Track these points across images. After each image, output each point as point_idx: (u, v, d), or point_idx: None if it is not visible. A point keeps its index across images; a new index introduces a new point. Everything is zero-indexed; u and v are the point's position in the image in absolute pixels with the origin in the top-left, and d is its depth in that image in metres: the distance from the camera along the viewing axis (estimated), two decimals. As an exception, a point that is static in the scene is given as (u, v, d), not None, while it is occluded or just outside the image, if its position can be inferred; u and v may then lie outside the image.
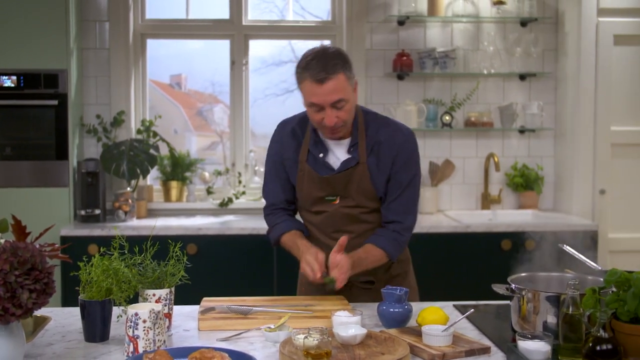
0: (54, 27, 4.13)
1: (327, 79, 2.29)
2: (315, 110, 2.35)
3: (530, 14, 4.66)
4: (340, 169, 2.49)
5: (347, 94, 2.34)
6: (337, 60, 2.32)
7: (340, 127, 2.40)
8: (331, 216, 2.53)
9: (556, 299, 1.93)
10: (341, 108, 2.34)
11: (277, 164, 2.61)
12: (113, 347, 1.95)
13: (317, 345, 1.75)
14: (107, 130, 4.55)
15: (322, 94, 2.30)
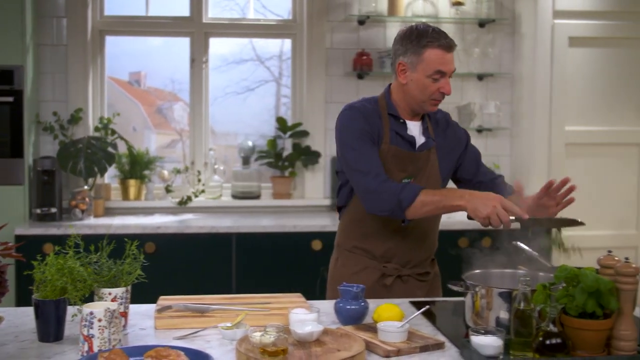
0: (10, 22, 4.07)
1: (452, 48, 2.46)
2: (436, 79, 2.44)
3: (488, 15, 4.73)
4: (421, 148, 2.56)
5: None
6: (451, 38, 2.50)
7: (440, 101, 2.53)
8: None
9: (508, 295, 1.96)
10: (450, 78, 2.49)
11: (366, 134, 2.49)
12: (67, 346, 1.93)
13: (274, 342, 1.76)
14: (64, 128, 4.50)
15: (449, 62, 2.45)
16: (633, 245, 4.67)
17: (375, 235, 2.59)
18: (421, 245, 2.65)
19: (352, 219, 2.64)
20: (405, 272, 2.62)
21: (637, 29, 4.63)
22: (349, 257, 2.66)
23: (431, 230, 2.67)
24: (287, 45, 4.96)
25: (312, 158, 4.69)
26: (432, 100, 2.49)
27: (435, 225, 2.70)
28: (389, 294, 2.59)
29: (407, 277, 2.62)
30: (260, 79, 5.05)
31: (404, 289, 2.62)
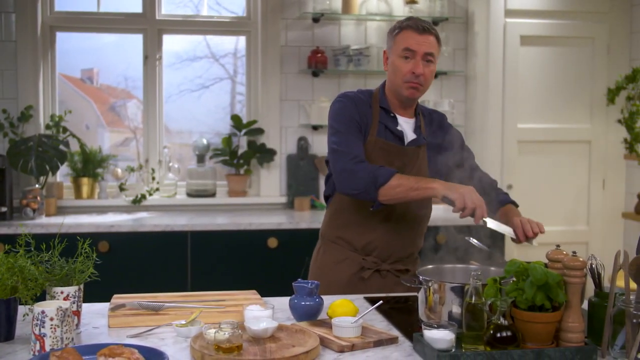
0: (-43, 18, 3.99)
1: (427, 31, 2.49)
2: (406, 58, 2.47)
3: (442, 14, 4.78)
4: (410, 144, 2.58)
5: (436, 56, 2.52)
6: (433, 28, 2.53)
7: (420, 87, 2.51)
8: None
9: (460, 289, 1.99)
10: (428, 64, 2.49)
11: (354, 122, 2.53)
12: (19, 346, 1.91)
13: (228, 339, 1.76)
14: (14, 126, 4.42)
15: (419, 41, 2.47)
16: (583, 240, 4.77)
17: (357, 226, 2.60)
18: (403, 241, 2.64)
19: (336, 209, 2.66)
20: (384, 267, 2.62)
21: (586, 28, 4.73)
22: (331, 248, 2.68)
23: (415, 226, 2.66)
24: (242, 42, 4.95)
25: (267, 156, 4.68)
26: (406, 83, 2.50)
27: (419, 223, 2.68)
28: (366, 287, 2.60)
29: (385, 272, 2.63)
30: (215, 76, 5.03)
31: (382, 284, 2.62)
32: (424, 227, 2.73)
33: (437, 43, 2.53)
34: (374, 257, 2.62)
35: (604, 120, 4.79)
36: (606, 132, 4.80)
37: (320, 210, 4.64)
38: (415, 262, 2.72)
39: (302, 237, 4.10)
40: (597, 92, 4.76)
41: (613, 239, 4.79)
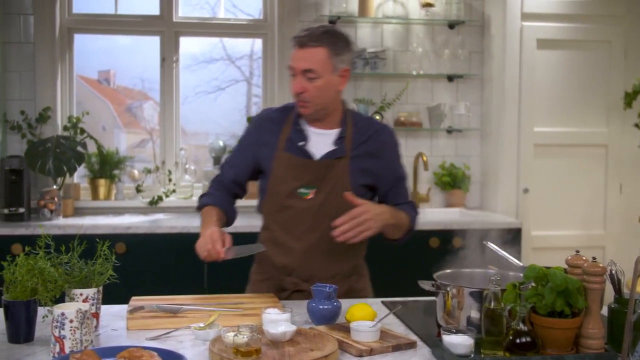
0: (-23, 20, 4.03)
1: (306, 45, 2.33)
2: (291, 76, 2.38)
3: (458, 17, 4.77)
4: (322, 158, 2.45)
5: (322, 69, 2.34)
6: (326, 36, 2.35)
7: (307, 103, 2.37)
8: (301, 213, 2.44)
9: (479, 294, 1.98)
10: (311, 80, 2.34)
11: (245, 148, 2.55)
12: (38, 347, 1.92)
13: (247, 342, 1.76)
14: (32, 127, 4.45)
15: (296, 58, 2.35)
16: (600, 245, 4.74)
17: (275, 246, 2.52)
18: (323, 262, 2.49)
19: (261, 226, 2.62)
20: (304, 287, 2.48)
21: (603, 31, 4.71)
22: (260, 264, 2.63)
23: (337, 246, 2.40)
24: (258, 44, 4.96)
25: (283, 158, 4.68)
26: (297, 101, 2.41)
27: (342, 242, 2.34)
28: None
29: (308, 293, 2.42)
30: (231, 78, 5.04)
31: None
32: (353, 246, 2.42)
33: (329, 54, 2.34)
34: (294, 277, 2.51)
35: (621, 124, 4.76)
36: (623, 136, 4.77)
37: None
38: (349, 279, 2.57)
39: (317, 240, 4.09)
40: (613, 96, 4.73)
41: (630, 243, 4.75)
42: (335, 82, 2.40)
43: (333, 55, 2.35)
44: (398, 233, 2.51)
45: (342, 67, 2.39)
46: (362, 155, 2.48)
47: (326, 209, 2.43)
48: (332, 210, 2.38)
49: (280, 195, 2.47)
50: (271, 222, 2.54)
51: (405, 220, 2.51)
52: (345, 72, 2.42)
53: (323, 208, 2.43)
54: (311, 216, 2.45)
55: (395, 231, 2.48)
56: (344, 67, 2.40)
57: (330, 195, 2.43)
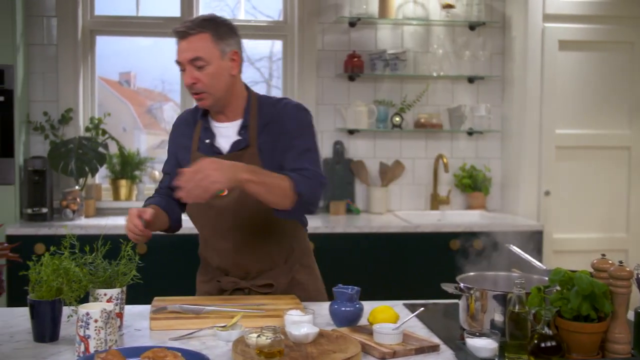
0: (0, 22, 4.05)
1: (188, 34, 2.26)
2: (182, 71, 2.31)
3: (479, 18, 4.75)
4: (229, 151, 2.38)
5: (210, 55, 2.26)
6: (207, 22, 2.28)
7: (203, 94, 2.30)
8: (221, 212, 2.37)
9: (503, 297, 1.97)
10: (201, 69, 2.26)
11: (170, 154, 2.55)
12: (63, 347, 1.93)
13: (270, 343, 1.76)
14: (55, 128, 4.48)
15: (181, 50, 2.28)
16: (623, 248, 4.70)
17: (209, 246, 2.49)
18: (252, 256, 2.43)
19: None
20: (244, 284, 2.44)
21: (625, 33, 4.67)
22: (203, 266, 2.60)
23: (260, 238, 2.40)
24: (277, 46, 4.97)
25: (303, 159, 4.68)
26: (193, 95, 2.33)
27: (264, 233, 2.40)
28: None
29: (248, 290, 2.43)
30: (250, 79, 5.05)
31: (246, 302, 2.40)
32: (284, 231, 2.43)
33: (212, 39, 2.26)
34: (232, 276, 2.46)
35: (644, 126, 4.72)
36: (646, 138, 4.73)
37: (355, 214, 4.63)
38: (291, 268, 2.49)
39: (337, 242, 4.10)
40: (636, 98, 4.69)
41: (653, 246, 4.72)
42: (226, 66, 2.30)
43: (217, 39, 2.27)
44: (276, 197, 2.16)
45: (230, 50, 2.30)
46: (269, 140, 2.37)
47: (244, 203, 2.33)
48: (251, 204, 2.30)
49: None
50: (198, 224, 2.50)
51: (282, 182, 2.17)
52: (235, 55, 2.32)
53: (241, 203, 2.34)
54: (231, 213, 2.36)
55: (269, 194, 2.15)
56: (232, 50, 2.31)
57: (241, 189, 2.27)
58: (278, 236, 2.43)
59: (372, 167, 4.82)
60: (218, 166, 2.04)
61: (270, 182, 2.14)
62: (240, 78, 2.41)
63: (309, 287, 2.54)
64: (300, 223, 2.53)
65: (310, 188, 2.23)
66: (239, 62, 2.35)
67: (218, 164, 2.05)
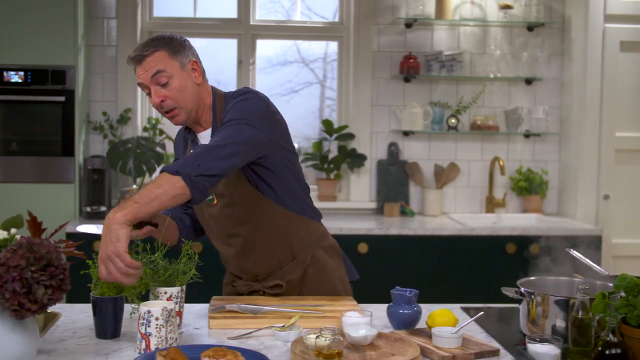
0: (62, 23, 4.14)
1: (143, 56, 2.22)
2: (148, 94, 2.26)
3: (537, 19, 4.68)
4: None
5: (169, 69, 2.22)
6: (157, 41, 2.25)
7: (175, 110, 2.25)
8: (217, 219, 2.39)
9: (565, 303, 1.94)
10: (165, 85, 2.22)
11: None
12: (124, 343, 1.96)
13: (329, 345, 1.76)
14: (114, 128, 4.56)
15: (140, 73, 2.23)
16: (684, 254, 4.58)
17: (222, 253, 2.52)
18: (254, 258, 2.41)
19: None
20: (256, 287, 2.44)
21: (690, 33, 4.54)
22: (227, 270, 2.61)
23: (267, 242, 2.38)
24: (331, 47, 4.97)
25: (357, 161, 4.68)
26: (165, 114, 2.28)
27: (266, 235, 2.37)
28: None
29: (262, 292, 2.43)
30: (305, 81, 5.06)
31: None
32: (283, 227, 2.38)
33: (166, 53, 2.22)
34: (245, 280, 2.47)
35: None
36: None
37: (410, 216, 4.61)
38: (300, 264, 2.43)
39: (392, 243, 4.08)
40: (700, 100, 4.56)
41: None
42: (189, 77, 2.27)
43: (173, 53, 2.24)
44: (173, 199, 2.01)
45: (187, 60, 2.27)
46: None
47: (232, 209, 2.33)
48: (240, 207, 2.31)
49: (198, 207, 2.41)
50: (208, 234, 2.51)
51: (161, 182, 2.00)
52: (194, 64, 2.29)
53: (230, 209, 2.33)
54: (225, 219, 2.36)
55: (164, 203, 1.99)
56: (190, 60, 2.28)
57: (229, 194, 2.30)
58: (277, 236, 2.38)
59: (426, 169, 4.79)
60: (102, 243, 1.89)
61: (153, 193, 1.97)
62: (206, 84, 2.37)
63: (323, 281, 2.46)
64: (305, 216, 2.44)
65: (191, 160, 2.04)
66: (200, 70, 2.32)
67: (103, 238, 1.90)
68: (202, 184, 2.02)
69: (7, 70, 4.13)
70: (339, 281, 2.50)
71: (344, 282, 2.53)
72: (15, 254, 1.61)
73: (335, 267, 2.51)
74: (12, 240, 1.70)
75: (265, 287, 2.42)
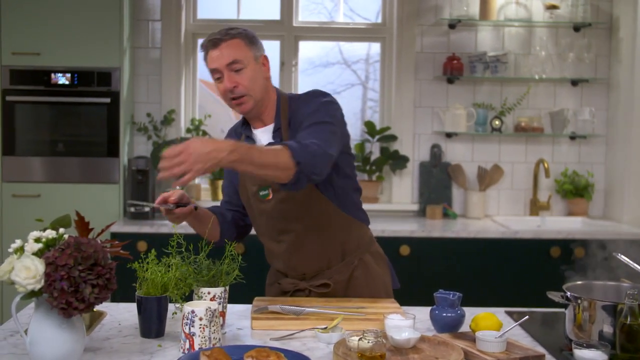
0: (108, 26, 4.20)
1: (221, 40, 2.30)
2: (218, 79, 2.33)
3: (584, 19, 4.60)
4: None
5: (245, 58, 2.30)
6: (235, 30, 2.34)
7: (244, 97, 2.32)
8: (269, 215, 2.41)
9: (613, 308, 1.90)
10: (239, 71, 2.29)
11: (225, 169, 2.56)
12: (168, 343, 1.98)
13: (372, 347, 1.75)
14: (157, 129, 4.61)
15: (216, 57, 2.30)
16: None
17: (268, 251, 2.53)
18: (307, 255, 2.42)
19: None
20: (303, 285, 2.45)
21: None
22: (270, 270, 2.63)
23: (314, 236, 2.40)
24: (374, 48, 4.96)
25: (400, 163, 4.66)
26: (231, 102, 2.34)
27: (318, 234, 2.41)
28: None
29: (308, 291, 2.44)
30: (347, 82, 5.06)
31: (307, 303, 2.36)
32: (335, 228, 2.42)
33: (245, 43, 2.31)
34: (291, 278, 2.48)
35: None
36: None
37: (452, 219, 4.57)
38: (349, 266, 2.45)
39: (434, 246, 4.05)
40: None
41: None
42: (259, 69, 2.34)
43: (249, 44, 2.33)
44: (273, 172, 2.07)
45: (260, 54, 2.36)
46: (294, 135, 2.33)
47: (288, 205, 2.36)
48: (295, 204, 2.35)
49: (249, 201, 2.45)
50: (256, 230, 2.54)
51: (277, 155, 2.06)
52: (265, 59, 2.38)
53: (285, 205, 2.36)
54: (278, 216, 2.39)
55: (261, 170, 2.05)
56: (262, 55, 2.37)
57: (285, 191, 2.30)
58: (330, 235, 2.42)
59: (469, 171, 4.74)
60: (201, 146, 1.91)
61: (260, 159, 2.02)
62: (271, 82, 2.44)
63: (369, 285, 2.48)
64: (356, 219, 2.48)
65: (312, 157, 2.11)
66: (269, 67, 2.41)
67: (202, 143, 1.92)
68: (303, 184, 2.12)
69: (54, 72, 4.21)
70: (383, 287, 2.53)
71: (388, 288, 2.56)
72: (64, 253, 1.64)
73: (380, 273, 2.53)
74: (60, 239, 1.72)
75: (312, 285, 2.43)
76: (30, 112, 4.26)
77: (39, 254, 1.68)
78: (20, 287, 1.64)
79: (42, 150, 4.26)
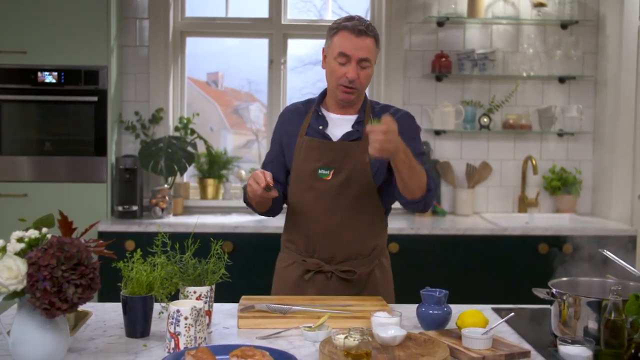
0: (95, 24, 4.18)
1: (365, 33, 2.42)
2: (342, 62, 2.43)
3: (571, 17, 4.62)
4: (340, 139, 2.52)
5: (373, 59, 2.47)
6: (374, 29, 2.48)
7: (355, 90, 2.46)
8: (321, 195, 2.50)
9: (598, 304, 1.91)
10: (364, 69, 2.44)
11: (274, 143, 2.67)
12: (154, 342, 1.97)
13: (358, 345, 1.75)
14: (145, 127, 4.60)
15: (355, 46, 2.41)
16: None
17: (299, 228, 2.58)
18: (344, 241, 2.52)
19: (287, 212, 2.67)
20: (327, 268, 2.53)
21: None
22: (283, 252, 2.69)
23: (357, 225, 2.52)
24: (364, 46, 4.95)
25: (388, 160, 4.65)
26: (340, 87, 2.46)
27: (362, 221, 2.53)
28: (308, 290, 2.53)
29: (330, 274, 2.52)
30: (337, 79, 5.05)
31: (325, 286, 2.52)
32: (374, 225, 2.57)
33: (375, 45, 2.46)
34: (316, 258, 2.54)
35: None
36: None
37: (441, 216, 4.58)
38: (371, 262, 2.57)
39: (422, 243, 4.06)
40: None
41: None
42: (373, 71, 2.51)
43: (378, 45, 2.49)
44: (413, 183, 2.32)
45: (376, 57, 2.52)
46: None
47: (344, 190, 2.49)
48: (350, 192, 2.49)
49: (303, 177, 2.54)
50: (294, 205, 2.60)
51: (420, 170, 2.34)
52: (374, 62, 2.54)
53: (341, 189, 2.49)
54: (330, 198, 2.50)
55: (410, 178, 2.30)
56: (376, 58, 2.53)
57: (348, 176, 2.48)
58: (367, 228, 2.55)
59: (458, 169, 4.75)
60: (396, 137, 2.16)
61: (415, 168, 2.30)
62: None
63: (381, 285, 2.61)
64: (386, 226, 2.66)
65: (435, 188, 2.44)
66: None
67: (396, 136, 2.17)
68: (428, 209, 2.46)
69: (41, 71, 4.18)
70: (391, 291, 2.67)
71: (392, 294, 2.68)
72: (46, 253, 1.63)
73: (390, 279, 2.68)
74: (43, 239, 1.71)
75: (338, 270, 2.52)
76: (17, 111, 4.23)
77: (22, 254, 1.67)
78: (2, 288, 1.63)
79: (29, 149, 4.24)
